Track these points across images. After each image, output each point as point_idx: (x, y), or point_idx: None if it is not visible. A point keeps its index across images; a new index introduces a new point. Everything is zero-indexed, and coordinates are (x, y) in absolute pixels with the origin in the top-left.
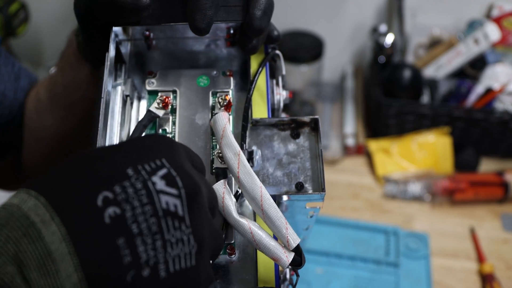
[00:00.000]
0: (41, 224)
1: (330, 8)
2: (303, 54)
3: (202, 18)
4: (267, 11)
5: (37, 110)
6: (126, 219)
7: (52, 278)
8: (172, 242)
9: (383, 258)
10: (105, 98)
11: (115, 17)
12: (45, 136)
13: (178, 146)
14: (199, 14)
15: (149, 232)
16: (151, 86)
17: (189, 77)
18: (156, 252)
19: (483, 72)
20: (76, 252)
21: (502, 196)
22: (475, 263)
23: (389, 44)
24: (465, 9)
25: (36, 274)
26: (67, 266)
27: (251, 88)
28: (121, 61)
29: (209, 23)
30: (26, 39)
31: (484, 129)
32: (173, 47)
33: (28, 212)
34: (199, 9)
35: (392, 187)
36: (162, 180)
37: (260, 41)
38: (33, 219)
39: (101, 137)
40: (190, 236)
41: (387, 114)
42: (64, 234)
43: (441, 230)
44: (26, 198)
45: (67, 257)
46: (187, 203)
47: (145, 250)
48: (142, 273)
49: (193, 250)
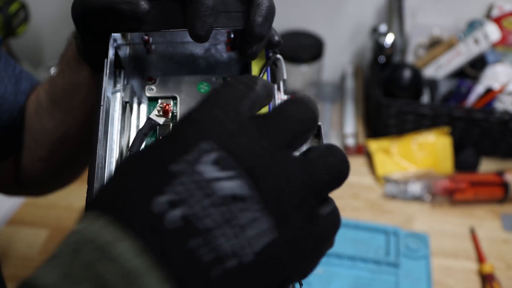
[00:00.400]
0: (115, 242)
1: (330, 8)
2: (303, 54)
3: (202, 25)
4: (268, 17)
5: (38, 113)
6: (189, 219)
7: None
8: (246, 225)
9: (383, 258)
10: (105, 106)
11: (114, 24)
12: (45, 139)
13: (212, 116)
14: (198, 21)
15: (218, 223)
16: (151, 92)
17: (189, 83)
18: (231, 240)
19: (483, 72)
20: (156, 264)
21: (502, 196)
22: (475, 263)
23: (389, 44)
24: (465, 9)
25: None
26: (151, 280)
27: None
28: (120, 66)
29: (208, 31)
30: (26, 39)
31: (484, 129)
32: (172, 51)
33: (100, 232)
34: (199, 16)
35: (392, 187)
36: (214, 166)
37: (260, 47)
38: (106, 239)
39: (101, 146)
40: (264, 211)
41: (387, 114)
42: (139, 249)
43: (441, 230)
44: (92, 220)
45: (148, 271)
46: (252, 180)
47: (221, 243)
48: (225, 266)
49: (270, 224)
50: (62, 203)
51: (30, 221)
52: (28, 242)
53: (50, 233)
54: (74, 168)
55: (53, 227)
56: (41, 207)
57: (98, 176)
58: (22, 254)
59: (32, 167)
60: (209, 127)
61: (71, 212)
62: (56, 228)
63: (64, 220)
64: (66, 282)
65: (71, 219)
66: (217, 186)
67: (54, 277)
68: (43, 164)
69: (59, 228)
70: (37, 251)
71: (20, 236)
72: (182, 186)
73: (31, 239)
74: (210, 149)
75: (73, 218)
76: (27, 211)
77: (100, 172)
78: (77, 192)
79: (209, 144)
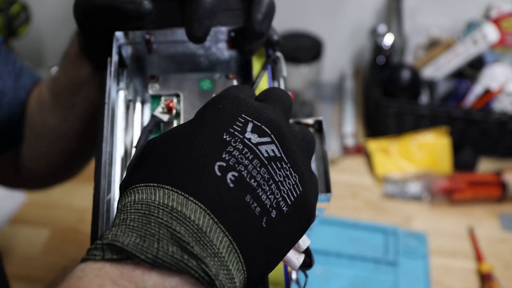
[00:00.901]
0: (180, 206)
1: (329, 9)
2: (302, 55)
3: (199, 27)
4: (268, 14)
5: (39, 109)
6: (244, 178)
7: (210, 247)
8: (281, 181)
9: (382, 257)
10: (110, 104)
11: (117, 23)
12: (45, 135)
13: (239, 97)
14: (196, 23)
15: (264, 181)
16: (154, 90)
17: (192, 81)
18: (274, 194)
19: (481, 73)
20: (219, 220)
21: (500, 196)
22: (474, 262)
23: (388, 44)
24: (463, 10)
25: (197, 248)
26: (217, 235)
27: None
28: (123, 65)
29: (206, 33)
30: (27, 39)
31: (482, 129)
32: (173, 50)
33: (163, 200)
34: (197, 18)
35: (391, 187)
36: (254, 134)
37: (259, 44)
38: (171, 204)
39: (107, 143)
40: (290, 170)
41: (386, 114)
42: (204, 208)
43: (440, 230)
44: (152, 191)
45: (214, 226)
46: (279, 144)
47: (267, 197)
48: (271, 216)
49: (296, 179)
50: (63, 202)
51: (32, 221)
52: (29, 241)
53: (51, 233)
54: (73, 164)
55: (54, 226)
56: (43, 207)
57: (106, 172)
58: (24, 253)
59: (32, 162)
60: (240, 103)
61: (72, 212)
62: (57, 228)
63: (65, 219)
64: (147, 240)
65: (72, 218)
66: (261, 149)
67: (133, 237)
68: (43, 159)
69: (60, 227)
70: (38, 250)
71: (22, 235)
72: (237, 151)
73: (32, 238)
74: (248, 121)
75: (74, 217)
76: (29, 211)
77: (107, 168)
78: (78, 192)
79: (246, 116)
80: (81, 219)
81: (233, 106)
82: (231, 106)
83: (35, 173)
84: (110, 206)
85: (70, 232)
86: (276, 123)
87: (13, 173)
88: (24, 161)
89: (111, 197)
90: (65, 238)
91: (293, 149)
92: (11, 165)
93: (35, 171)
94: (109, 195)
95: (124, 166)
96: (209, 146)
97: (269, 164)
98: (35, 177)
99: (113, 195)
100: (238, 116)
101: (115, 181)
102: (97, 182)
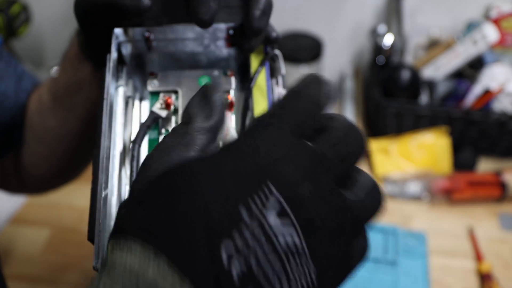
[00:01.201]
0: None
1: (329, 9)
2: (302, 55)
3: (206, 10)
4: (266, 11)
5: (39, 111)
6: (253, 273)
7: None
8: (296, 279)
9: (382, 257)
10: (109, 100)
11: (116, 20)
12: (46, 137)
13: (276, 159)
14: (203, 6)
15: (277, 278)
16: (153, 87)
17: (190, 77)
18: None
19: (481, 73)
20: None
21: (500, 196)
22: (473, 262)
23: (388, 44)
24: (463, 10)
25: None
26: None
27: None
28: (122, 62)
29: (212, 15)
30: (27, 40)
31: (482, 129)
32: (173, 48)
33: (155, 279)
34: (202, 1)
35: (391, 187)
36: (277, 218)
37: (258, 41)
38: (163, 286)
39: (105, 138)
40: (309, 265)
41: (386, 114)
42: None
43: (439, 229)
44: (145, 257)
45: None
46: (302, 233)
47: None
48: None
49: (313, 276)
50: (64, 202)
51: (32, 221)
52: (30, 241)
53: (51, 233)
54: (75, 166)
55: (55, 226)
56: (43, 207)
57: (104, 167)
58: (24, 254)
59: (34, 165)
60: (273, 166)
61: (72, 212)
62: (58, 228)
63: (66, 219)
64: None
65: (73, 218)
66: (280, 239)
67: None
68: (44, 163)
69: (61, 227)
70: (38, 250)
71: (22, 236)
72: (250, 233)
73: (32, 238)
74: (273, 193)
75: (75, 217)
76: (29, 211)
77: (105, 163)
78: (79, 192)
79: (273, 187)
80: (81, 219)
81: (261, 163)
82: (259, 162)
83: (36, 177)
84: (108, 201)
85: (70, 232)
86: (309, 206)
87: (15, 178)
88: (25, 165)
89: (109, 191)
90: (66, 238)
91: (320, 242)
92: (12, 169)
93: (37, 175)
94: (106, 190)
95: (123, 161)
96: (221, 218)
97: (286, 260)
98: (37, 181)
99: (111, 190)
100: (263, 182)
101: (113, 176)
102: (95, 177)
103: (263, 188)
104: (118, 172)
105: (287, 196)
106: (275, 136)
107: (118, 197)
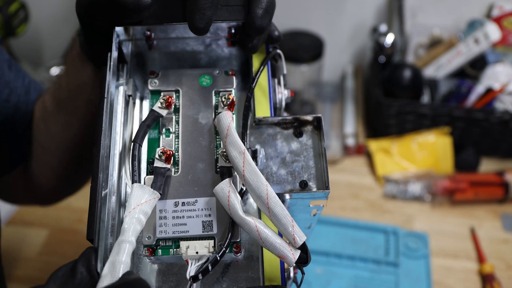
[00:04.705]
0: None
1: (330, 8)
2: (303, 54)
3: (201, 18)
4: (268, 10)
5: (43, 118)
6: None
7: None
8: None
9: (383, 258)
10: (109, 98)
11: (117, 17)
12: (51, 144)
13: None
14: (198, 14)
15: None
16: (154, 86)
17: (191, 76)
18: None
19: (483, 72)
20: None
21: (502, 196)
22: (475, 263)
23: (389, 44)
24: (465, 9)
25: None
26: None
27: (252, 86)
28: (123, 61)
29: (208, 23)
30: (26, 39)
31: (484, 129)
32: (174, 47)
33: None
34: (198, 9)
35: (392, 187)
36: None
37: (261, 41)
38: None
39: (105, 137)
40: None
41: (387, 114)
42: None
43: (441, 230)
44: None
45: None
46: None
47: None
48: None
49: None
50: (62, 203)
51: (30, 221)
52: (28, 242)
53: (49, 233)
54: (82, 174)
55: (53, 227)
56: (40, 208)
57: (103, 166)
58: (22, 254)
59: (41, 175)
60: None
61: (70, 212)
62: (56, 228)
63: (64, 220)
64: None
65: (71, 219)
66: None
67: None
68: (51, 172)
69: (59, 228)
70: (37, 251)
71: (20, 236)
72: None
73: (31, 239)
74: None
75: (73, 218)
76: (27, 211)
77: (105, 161)
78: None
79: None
80: (80, 220)
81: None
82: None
83: (45, 187)
84: (107, 200)
85: (69, 232)
86: None
87: (22, 190)
88: (34, 176)
89: (108, 191)
90: (64, 238)
91: None
92: (20, 182)
93: (45, 185)
94: (106, 190)
95: (122, 160)
96: None
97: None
98: (45, 192)
99: (110, 189)
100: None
101: (112, 175)
102: (94, 176)
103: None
104: (118, 172)
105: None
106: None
107: (117, 196)
